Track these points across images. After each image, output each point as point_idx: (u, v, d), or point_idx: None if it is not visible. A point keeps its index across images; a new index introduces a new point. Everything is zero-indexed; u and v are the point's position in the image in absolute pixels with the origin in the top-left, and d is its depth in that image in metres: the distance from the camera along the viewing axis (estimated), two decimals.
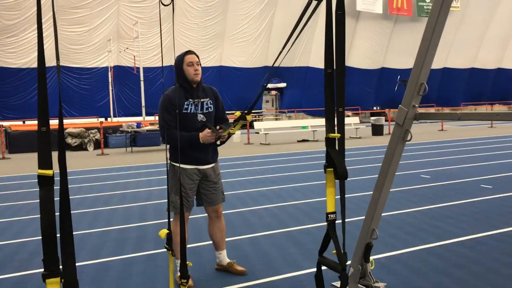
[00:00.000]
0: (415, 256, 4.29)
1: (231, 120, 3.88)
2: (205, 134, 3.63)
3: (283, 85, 32.66)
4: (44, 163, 1.52)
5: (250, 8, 29.08)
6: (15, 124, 21.28)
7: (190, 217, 4.14)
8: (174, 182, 3.73)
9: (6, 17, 23.48)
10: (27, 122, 23.92)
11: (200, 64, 3.80)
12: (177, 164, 3.71)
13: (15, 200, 7.60)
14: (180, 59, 3.74)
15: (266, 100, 34.14)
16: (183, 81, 3.74)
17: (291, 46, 2.63)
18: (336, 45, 2.44)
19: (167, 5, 2.28)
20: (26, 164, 12.56)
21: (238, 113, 3.74)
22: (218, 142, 3.83)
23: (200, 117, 3.75)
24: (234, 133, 3.71)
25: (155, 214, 6.32)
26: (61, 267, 1.62)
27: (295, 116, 32.56)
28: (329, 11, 2.40)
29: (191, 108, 3.72)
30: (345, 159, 2.73)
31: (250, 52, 30.17)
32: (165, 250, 2.54)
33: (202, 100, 3.78)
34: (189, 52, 3.79)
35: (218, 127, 3.73)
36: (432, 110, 32.63)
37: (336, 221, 2.74)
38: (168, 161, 3.55)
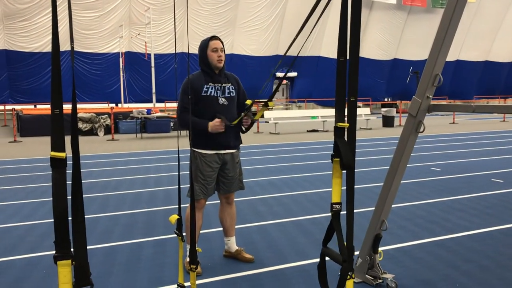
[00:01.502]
0: (424, 249, 4.28)
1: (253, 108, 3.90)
2: (213, 123, 3.64)
3: (293, 74, 32.52)
4: (57, 145, 1.52)
5: None
6: (27, 108, 21.43)
7: None
8: (194, 168, 3.75)
9: (19, 1, 23.56)
10: (38, 106, 24.10)
11: (224, 51, 3.80)
12: (198, 150, 3.73)
13: (27, 183, 7.67)
14: (205, 44, 3.74)
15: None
16: (206, 66, 3.77)
17: (307, 38, 2.59)
18: (351, 32, 2.39)
19: None
20: (37, 148, 12.66)
21: (249, 102, 3.73)
22: (244, 129, 3.84)
23: (222, 100, 3.76)
24: (257, 120, 3.72)
25: (165, 199, 6.35)
26: (72, 249, 1.63)
27: (305, 106, 32.46)
28: None
29: (211, 91, 3.73)
30: (355, 150, 2.68)
31: (262, 40, 30.03)
32: (174, 235, 2.56)
33: (224, 84, 3.80)
34: (214, 37, 3.77)
35: (244, 114, 3.74)
36: (444, 102, 32.37)
37: (342, 212, 2.73)
38: (188, 147, 3.59)
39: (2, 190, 7.12)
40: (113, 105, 24.75)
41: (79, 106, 23.34)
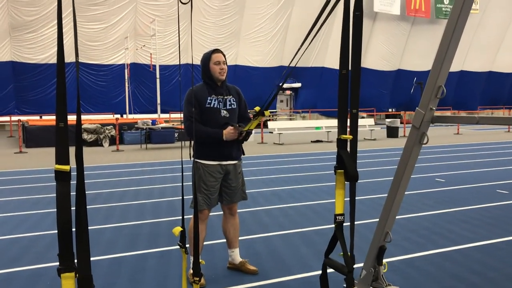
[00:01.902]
0: (428, 260, 4.25)
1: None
2: (228, 131, 3.68)
3: (298, 85, 32.60)
4: (61, 158, 1.53)
5: (266, 7, 29.07)
6: (33, 119, 21.56)
7: None
8: (197, 178, 3.76)
9: (25, 13, 23.81)
10: (44, 117, 24.24)
11: (226, 63, 3.83)
12: (201, 161, 3.75)
13: (32, 193, 7.70)
14: (207, 57, 3.79)
15: (281, 99, 34.11)
16: (208, 78, 3.81)
17: (308, 46, 2.61)
18: (353, 46, 2.42)
19: (186, 3, 2.29)
20: (43, 158, 12.71)
21: (257, 108, 3.75)
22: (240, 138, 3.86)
23: (224, 113, 3.79)
24: (253, 129, 3.72)
25: (169, 210, 6.35)
26: (76, 261, 1.63)
27: (309, 117, 32.48)
28: (347, 11, 2.39)
29: (214, 103, 3.77)
30: (359, 161, 2.72)
31: (266, 52, 30.17)
32: (178, 247, 2.56)
33: (225, 97, 3.84)
34: (216, 50, 3.83)
35: (238, 125, 3.78)
36: (448, 113, 32.35)
37: (345, 223, 2.73)
38: (192, 158, 3.61)
39: (7, 201, 7.15)
40: (118, 116, 24.87)
41: (84, 117, 23.49)
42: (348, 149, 2.61)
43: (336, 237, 2.58)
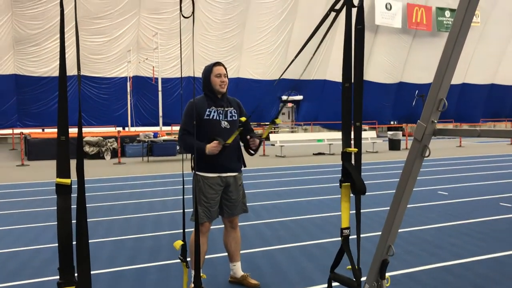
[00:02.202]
0: (432, 274, 4.22)
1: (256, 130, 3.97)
2: (211, 145, 3.65)
3: (299, 97, 32.69)
4: (62, 172, 1.53)
5: (268, 21, 29.27)
6: (35, 132, 21.62)
7: None
8: (197, 191, 3.76)
9: (29, 27, 24.01)
10: (46, 130, 24.31)
11: (227, 76, 3.85)
12: (201, 173, 3.75)
13: (33, 206, 7.68)
14: (208, 70, 3.83)
15: (282, 112, 34.18)
16: (209, 91, 3.83)
17: (311, 58, 2.62)
18: (355, 60, 2.43)
19: (188, 17, 2.30)
20: (44, 172, 12.72)
21: (243, 119, 3.77)
22: (252, 151, 3.92)
23: (224, 124, 3.80)
24: (264, 139, 3.78)
25: (170, 224, 6.33)
26: (76, 275, 1.62)
27: (311, 129, 32.51)
28: (349, 24, 2.40)
29: (213, 115, 3.78)
30: (361, 174, 2.71)
31: (268, 65, 30.31)
32: (179, 261, 2.54)
33: (226, 108, 3.86)
34: (218, 63, 3.86)
35: (249, 137, 3.83)
36: (450, 126, 32.34)
37: (350, 237, 2.72)
38: (192, 171, 3.62)
39: (8, 214, 7.13)
40: (120, 128, 24.92)
41: (86, 129, 23.55)
42: (353, 162, 2.62)
43: (343, 251, 2.58)
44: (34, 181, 10.90)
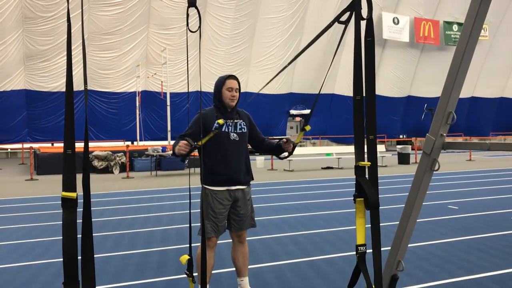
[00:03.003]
0: None
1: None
2: (179, 145, 3.50)
3: (307, 111, 32.70)
4: (68, 185, 1.53)
5: (276, 36, 29.44)
6: (44, 146, 21.76)
7: None
8: (205, 205, 3.73)
9: (40, 43, 24.33)
10: (55, 144, 24.47)
11: (240, 90, 3.85)
12: (209, 187, 3.73)
13: (41, 221, 7.70)
14: (221, 81, 3.81)
15: (291, 126, 34.17)
16: (219, 102, 3.82)
17: (326, 73, 2.61)
18: (366, 72, 2.41)
19: (195, 31, 2.31)
20: (53, 186, 12.77)
21: (221, 121, 3.77)
22: (286, 154, 3.92)
23: (233, 136, 3.79)
24: (298, 143, 3.79)
25: (177, 238, 6.30)
26: None
27: (320, 143, 32.43)
28: (358, 37, 2.39)
29: (222, 127, 3.76)
30: (378, 189, 2.65)
31: (276, 79, 30.39)
32: (186, 276, 2.52)
33: (236, 120, 3.85)
34: (231, 76, 3.83)
35: (285, 140, 3.84)
36: (460, 139, 32.12)
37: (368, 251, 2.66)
38: (200, 185, 3.59)
39: (17, 228, 7.15)
40: (129, 143, 25.03)
41: (95, 144, 23.68)
42: (368, 177, 2.56)
43: (359, 269, 2.49)
44: (43, 195, 10.94)
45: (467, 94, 36.05)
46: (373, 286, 2.40)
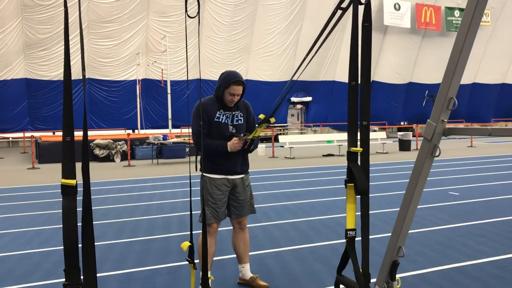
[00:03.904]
0: (443, 275, 4.16)
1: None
2: (232, 142, 3.68)
3: (308, 99, 32.62)
4: (68, 172, 1.52)
5: (276, 22, 29.25)
6: (45, 135, 21.78)
7: None
8: (204, 192, 3.75)
9: (39, 31, 24.22)
10: (56, 133, 24.49)
11: (243, 94, 3.82)
12: (207, 175, 3.74)
13: (43, 209, 7.73)
14: (226, 83, 3.71)
15: (292, 114, 34.11)
16: (219, 97, 3.80)
17: (314, 55, 2.59)
18: (362, 57, 2.40)
19: (193, 17, 2.29)
20: (55, 174, 12.79)
21: (262, 116, 3.71)
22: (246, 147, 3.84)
23: (230, 128, 3.80)
24: (258, 136, 3.70)
25: (179, 226, 6.32)
26: (82, 277, 1.61)
27: (321, 130, 32.41)
28: (355, 22, 2.37)
29: (222, 118, 3.77)
30: (371, 175, 2.67)
31: (276, 66, 30.28)
32: (187, 262, 2.53)
33: (233, 112, 3.85)
34: (238, 82, 3.73)
35: (242, 134, 3.76)
36: (461, 125, 32.07)
37: (357, 238, 2.68)
38: (200, 173, 3.59)
39: (20, 217, 7.18)
40: (130, 131, 25.03)
41: (96, 132, 23.69)
42: (360, 163, 2.56)
43: (347, 253, 2.51)
44: (45, 184, 10.97)
45: (469, 80, 35.90)
46: (361, 270, 2.42)
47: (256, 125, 3.68)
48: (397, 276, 3.41)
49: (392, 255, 3.39)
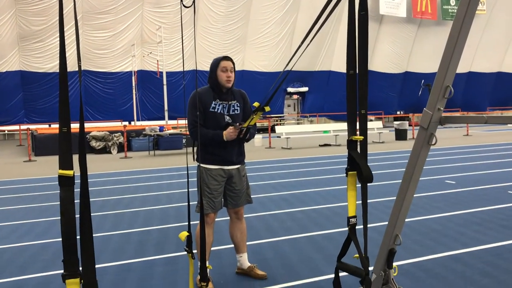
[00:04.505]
0: (439, 263, 4.20)
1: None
2: (228, 131, 3.68)
3: (305, 89, 32.58)
4: (65, 163, 1.52)
5: (272, 13, 29.13)
6: (41, 128, 21.72)
7: None
8: (201, 183, 3.75)
9: (34, 23, 24.05)
10: (52, 125, 24.41)
11: (235, 71, 3.82)
12: (203, 165, 3.75)
13: (40, 201, 7.73)
14: (215, 63, 3.78)
15: (288, 104, 34.08)
16: (214, 84, 3.79)
17: (307, 47, 2.59)
18: (359, 46, 2.40)
19: (189, 6, 2.28)
20: (51, 166, 12.77)
21: (257, 104, 3.70)
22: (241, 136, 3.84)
23: (227, 118, 3.79)
24: (254, 125, 3.71)
25: (176, 216, 6.34)
26: (80, 268, 1.62)
27: (317, 121, 32.43)
28: (352, 10, 2.37)
29: (218, 108, 3.76)
30: (368, 163, 2.68)
31: (272, 56, 30.20)
32: (185, 252, 2.54)
33: (230, 102, 3.84)
34: (225, 58, 3.80)
35: (238, 123, 3.75)
36: (457, 114, 32.14)
37: (357, 226, 2.70)
38: (196, 163, 3.60)
39: (16, 209, 7.17)
40: (126, 123, 24.97)
41: (92, 124, 23.63)
42: (359, 151, 2.58)
43: (350, 240, 2.55)
44: (41, 176, 10.96)
45: (465, 69, 35.92)
46: (364, 255, 2.47)
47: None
48: (394, 264, 3.45)
49: (389, 243, 3.41)
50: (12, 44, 24.29)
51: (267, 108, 3.39)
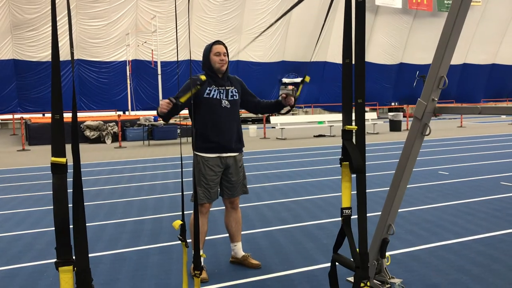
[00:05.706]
0: (432, 253, 4.23)
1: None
2: (160, 103, 3.57)
3: (299, 79, 32.49)
4: (58, 151, 1.52)
5: (267, 2, 28.98)
6: (35, 117, 21.59)
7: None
8: (197, 172, 3.75)
9: (27, 11, 23.80)
10: (46, 115, 24.27)
11: (228, 55, 3.82)
12: (200, 154, 3.74)
13: (34, 190, 7.70)
14: (208, 48, 3.80)
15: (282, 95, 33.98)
16: (209, 70, 3.80)
17: (318, 41, 2.58)
18: (356, 34, 2.38)
19: None
20: (45, 156, 12.72)
21: (307, 78, 3.69)
22: (288, 108, 3.88)
23: (225, 103, 3.78)
24: (299, 95, 3.79)
25: (171, 206, 6.34)
26: (74, 255, 1.62)
27: (312, 111, 32.42)
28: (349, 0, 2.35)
29: (213, 93, 3.75)
30: (365, 153, 2.65)
31: (268, 47, 30.09)
32: (180, 242, 2.54)
33: (227, 88, 3.83)
34: (217, 42, 3.84)
35: (284, 95, 3.80)
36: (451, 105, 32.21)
37: (353, 217, 2.69)
38: (193, 153, 3.59)
39: (10, 198, 7.15)
40: (120, 112, 24.86)
41: (86, 114, 23.51)
42: (354, 141, 2.54)
43: (343, 232, 2.51)
44: (35, 165, 10.91)
45: (459, 61, 35.96)
46: (357, 250, 2.43)
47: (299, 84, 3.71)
48: (387, 253, 3.47)
49: (382, 233, 3.44)
50: (5, 33, 24.05)
51: (307, 78, 3.45)
